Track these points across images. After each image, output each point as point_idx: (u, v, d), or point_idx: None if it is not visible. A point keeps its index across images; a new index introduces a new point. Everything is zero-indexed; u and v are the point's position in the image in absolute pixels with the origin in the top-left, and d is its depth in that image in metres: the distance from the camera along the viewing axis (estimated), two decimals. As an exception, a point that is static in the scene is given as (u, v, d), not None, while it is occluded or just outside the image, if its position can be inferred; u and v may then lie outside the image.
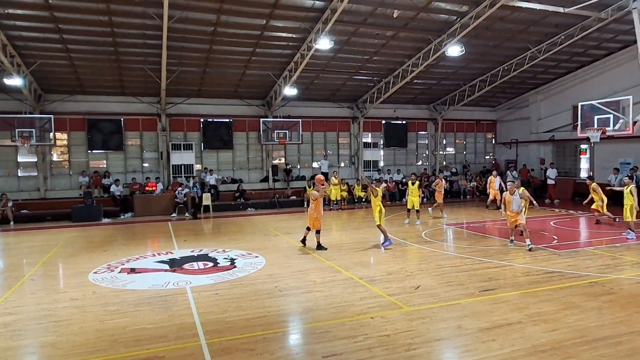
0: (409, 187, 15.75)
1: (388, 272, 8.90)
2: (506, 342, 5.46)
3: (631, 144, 19.46)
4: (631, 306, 6.70)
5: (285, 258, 10.42)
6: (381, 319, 6.34)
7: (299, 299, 7.43)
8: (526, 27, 16.88)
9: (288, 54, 17.56)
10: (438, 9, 14.93)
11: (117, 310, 6.96)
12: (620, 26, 17.04)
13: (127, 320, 6.53)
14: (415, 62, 18.47)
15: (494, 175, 18.52)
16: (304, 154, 24.06)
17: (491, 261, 9.64)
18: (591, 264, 9.29)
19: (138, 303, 7.29)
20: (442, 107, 25.48)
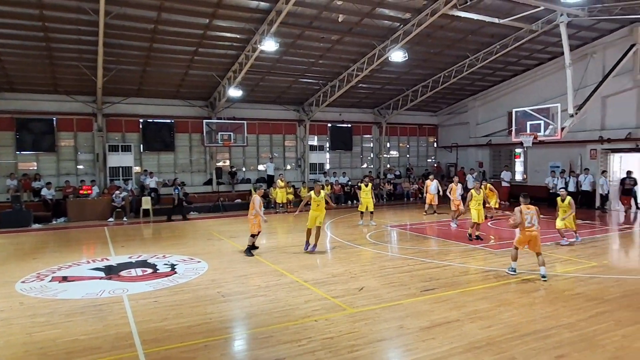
0: (362, 190, 15.80)
1: (333, 275, 8.92)
2: (445, 340, 5.61)
3: (560, 149, 20.82)
4: (559, 301, 7.11)
5: (228, 263, 10.18)
6: (325, 321, 6.33)
7: (242, 304, 7.27)
8: (465, 36, 17.63)
9: (232, 55, 17.26)
10: (382, 15, 15.25)
11: (46, 322, 6.51)
12: (549, 38, 18.21)
13: (58, 332, 6.12)
14: (360, 66, 18.76)
15: (430, 179, 18.26)
16: (250, 156, 23.74)
17: (432, 262, 9.92)
18: (524, 262, 9.77)
19: (70, 313, 6.85)
20: (386, 112, 26.07)
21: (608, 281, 8.22)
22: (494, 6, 15.01)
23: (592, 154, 19.82)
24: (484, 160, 25.86)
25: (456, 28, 16.75)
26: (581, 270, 9.03)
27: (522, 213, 8.39)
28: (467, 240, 12.18)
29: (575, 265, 9.43)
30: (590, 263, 9.61)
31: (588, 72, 18.98)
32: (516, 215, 8.43)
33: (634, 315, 6.43)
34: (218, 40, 15.97)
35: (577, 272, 8.86)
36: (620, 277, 8.51)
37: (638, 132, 18.12)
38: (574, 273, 8.82)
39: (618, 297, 7.31)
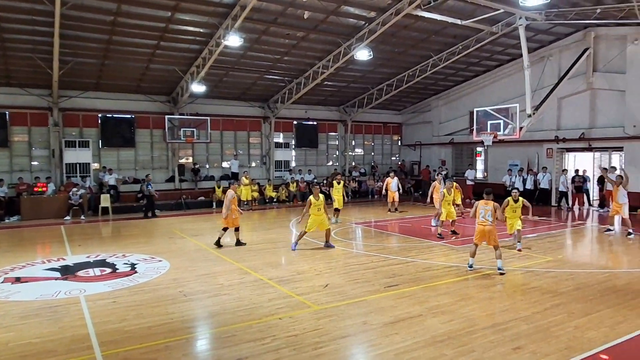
0: (334, 187, 15.74)
1: (298, 272, 8.89)
2: (408, 335, 5.68)
3: (519, 148, 21.54)
4: (516, 295, 7.35)
5: (191, 261, 9.97)
6: (289, 319, 6.29)
7: (205, 303, 7.14)
8: (428, 36, 17.93)
9: (195, 49, 16.90)
10: (347, 13, 15.30)
11: (-3, 325, 6.18)
12: (509, 40, 18.78)
13: (11, 335, 5.83)
14: (325, 64, 18.77)
15: (391, 176, 18.34)
16: (213, 153, 23.35)
17: (396, 258, 10.05)
18: (484, 257, 10.04)
19: (24, 315, 6.55)
20: (351, 110, 26.22)
21: (562, 275, 8.56)
22: (457, 8, 15.33)
23: (548, 153, 20.62)
24: (446, 159, 26.45)
25: (420, 28, 17.02)
26: (537, 264, 9.37)
27: (477, 208, 8.81)
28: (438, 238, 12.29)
29: (532, 260, 9.78)
30: (546, 258, 9.98)
31: (545, 74, 19.71)
32: (473, 209, 8.92)
33: (586, 307, 6.72)
34: (180, 34, 15.59)
35: (533, 267, 9.18)
36: (574, 270, 8.89)
37: (591, 132, 18.98)
38: (530, 267, 9.13)
39: (571, 289, 7.62)
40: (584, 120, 19.30)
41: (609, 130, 18.30)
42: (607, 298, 7.13)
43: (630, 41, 17.34)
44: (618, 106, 18.09)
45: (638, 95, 17.26)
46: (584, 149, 19.76)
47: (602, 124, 18.75)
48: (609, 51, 18.24)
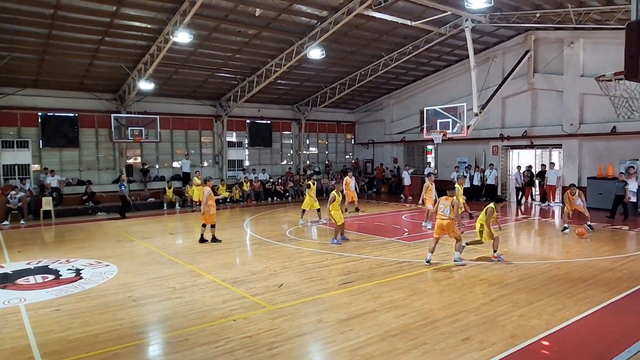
0: (310, 188, 15.30)
1: (252, 272, 8.79)
2: (362, 331, 5.75)
3: (467, 145, 22.35)
4: (466, 287, 7.62)
5: (140, 265, 9.63)
6: (244, 320, 6.21)
7: (156, 308, 6.92)
8: (380, 36, 18.22)
9: (143, 46, 16.30)
10: (299, 11, 15.27)
11: None
12: (456, 42, 19.41)
13: (-59, 351, 5.40)
14: (278, 62, 18.65)
15: (349, 176, 18.05)
16: (163, 152, 22.64)
17: (350, 255, 10.15)
18: (435, 252, 10.34)
19: (-44, 329, 6.09)
20: (305, 108, 26.24)
21: (508, 267, 8.96)
22: (406, 9, 15.66)
23: (494, 151, 21.53)
24: (398, 157, 27.02)
25: (371, 28, 17.26)
26: (485, 258, 9.74)
27: (438, 203, 9.48)
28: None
29: (480, 253, 10.15)
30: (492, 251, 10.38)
31: (490, 74, 20.53)
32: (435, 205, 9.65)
33: (529, 296, 7.07)
34: (126, 29, 14.98)
35: (481, 260, 9.54)
36: (518, 262, 9.32)
37: (532, 130, 19.98)
38: (478, 261, 9.49)
39: (516, 280, 7.99)
40: (526, 119, 20.29)
41: (549, 129, 19.34)
42: (548, 287, 7.53)
43: (566, 44, 18.39)
44: (556, 105, 19.14)
45: (574, 95, 18.34)
46: (527, 146, 20.79)
47: (542, 122, 19.79)
48: (548, 53, 19.26)
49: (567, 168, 18.83)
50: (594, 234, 12.26)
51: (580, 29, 16.83)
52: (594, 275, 8.24)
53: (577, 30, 17.23)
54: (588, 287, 7.48)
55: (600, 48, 17.18)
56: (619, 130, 16.79)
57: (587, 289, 7.37)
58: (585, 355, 5.13)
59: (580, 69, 18.11)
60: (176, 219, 17.73)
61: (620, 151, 17.11)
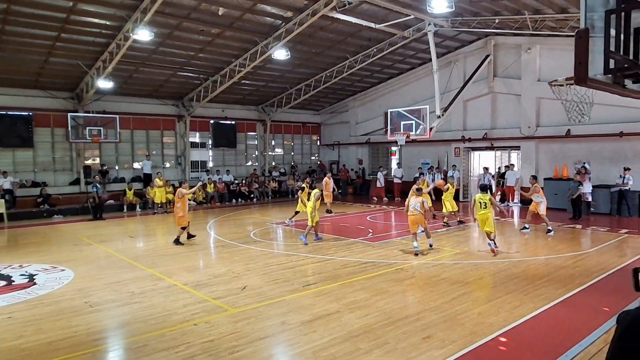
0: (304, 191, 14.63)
1: (214, 275, 8.64)
2: (326, 332, 5.73)
3: (430, 147, 22.79)
4: (427, 287, 7.73)
5: (98, 269, 9.28)
6: (205, 324, 6.08)
7: (114, 313, 6.68)
8: (344, 38, 18.33)
9: (101, 43, 15.76)
10: (263, 11, 15.15)
11: None
12: (419, 45, 19.77)
13: None
14: (242, 62, 18.45)
15: (328, 177, 17.87)
16: (123, 153, 21.97)
17: (315, 256, 10.13)
18: (398, 252, 10.50)
19: None
20: (270, 109, 26.08)
21: (468, 266, 9.17)
22: (371, 12, 15.81)
23: (456, 152, 22.05)
24: (363, 158, 27.26)
25: (336, 30, 17.34)
26: (446, 257, 9.95)
27: (409, 201, 10.50)
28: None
29: (441, 253, 10.36)
30: (454, 250, 10.64)
31: (452, 77, 21.03)
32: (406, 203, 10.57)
33: (488, 294, 7.25)
34: (84, 25, 14.44)
35: (443, 260, 9.73)
36: (478, 261, 9.56)
37: (492, 132, 20.58)
38: (440, 260, 9.67)
39: (475, 279, 8.18)
40: (486, 121, 20.89)
41: (508, 131, 19.98)
42: (506, 285, 7.75)
43: (524, 50, 19.06)
44: (515, 109, 19.80)
45: (531, 99, 19.02)
46: (487, 148, 21.40)
47: (502, 125, 20.42)
48: (506, 58, 19.90)
49: (525, 169, 19.49)
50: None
51: (536, 36, 17.48)
52: (550, 272, 8.55)
53: (534, 37, 17.88)
54: (544, 284, 7.74)
55: (556, 54, 17.89)
56: (572, 133, 17.54)
57: (542, 286, 7.63)
58: (540, 349, 5.29)
59: (537, 74, 18.80)
60: (137, 222, 17.23)
61: (574, 153, 17.89)
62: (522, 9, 15.30)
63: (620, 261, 9.34)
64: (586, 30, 4.30)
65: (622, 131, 16.26)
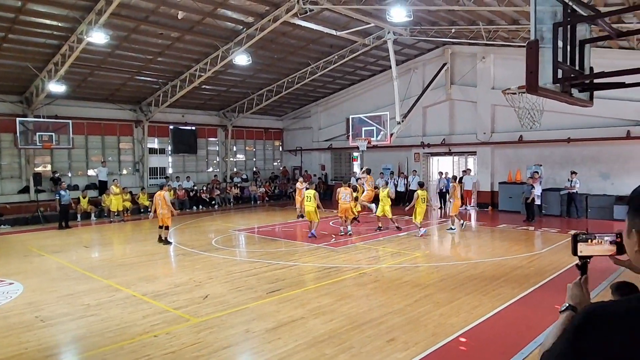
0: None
1: (175, 285, 8.41)
2: (290, 338, 5.70)
3: (391, 152, 23.16)
4: (390, 290, 7.84)
5: (50, 282, 8.85)
6: (166, 335, 5.91)
7: (68, 328, 6.38)
8: (306, 44, 18.41)
9: (53, 45, 15.11)
10: (224, 16, 15.01)
11: None
12: (380, 52, 20.12)
13: None
14: (203, 67, 18.17)
15: (300, 182, 17.78)
16: (77, 160, 21.06)
17: (278, 263, 10.06)
18: (361, 257, 10.60)
19: None
20: (232, 114, 25.79)
21: (429, 268, 9.37)
22: (332, 19, 15.98)
23: (416, 157, 22.54)
24: (326, 164, 27.40)
25: (298, 36, 17.40)
26: (408, 260, 10.13)
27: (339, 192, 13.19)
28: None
29: (403, 257, 10.54)
30: (415, 254, 10.84)
31: (411, 84, 21.50)
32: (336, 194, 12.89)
33: (449, 295, 7.43)
34: (34, 27, 13.81)
35: (404, 263, 9.90)
36: (439, 264, 9.78)
37: (450, 138, 21.19)
38: (402, 264, 9.83)
39: (436, 281, 8.37)
40: (444, 127, 21.48)
41: (465, 137, 20.63)
42: (466, 286, 7.97)
43: (479, 59, 19.78)
44: (471, 115, 20.47)
45: (486, 106, 19.73)
46: (446, 154, 22.01)
47: (459, 131, 21.06)
48: (463, 66, 20.57)
49: (482, 174, 20.18)
50: (506, 235, 13.20)
51: (490, 45, 18.16)
52: (506, 273, 8.86)
53: (488, 46, 18.58)
54: (500, 285, 8.01)
55: (509, 63, 18.64)
56: (525, 139, 18.31)
57: (499, 286, 7.90)
58: (499, 347, 5.47)
59: (491, 82, 19.54)
60: (92, 231, 16.57)
61: (527, 158, 18.68)
62: (477, 19, 15.89)
63: (571, 260, 9.74)
64: (536, 41, 4.52)
65: (570, 137, 17.14)
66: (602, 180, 16.93)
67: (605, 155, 16.87)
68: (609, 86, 5.47)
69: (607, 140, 16.49)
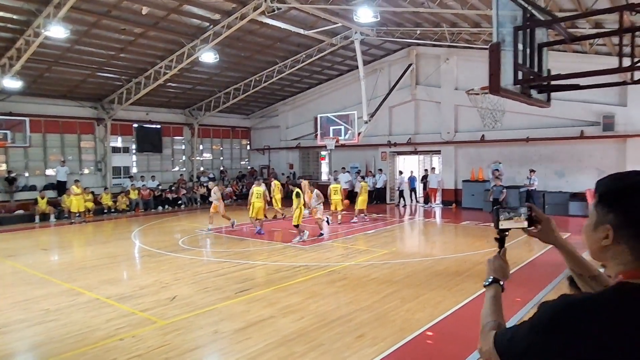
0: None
1: (141, 287, 8.21)
2: (260, 338, 5.68)
3: (358, 151, 23.38)
4: (358, 287, 7.93)
5: (3, 287, 8.43)
6: (132, 338, 5.77)
7: (24, 335, 6.12)
8: (274, 42, 18.33)
9: (7, 38, 14.44)
10: (190, 12, 14.75)
11: None
12: (347, 52, 20.26)
13: None
14: (168, 64, 17.78)
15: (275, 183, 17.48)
16: (34, 159, 20.21)
17: (247, 262, 9.99)
18: (330, 255, 10.67)
19: None
20: (198, 113, 25.38)
21: (396, 265, 9.53)
22: (300, 18, 15.97)
23: (382, 156, 22.84)
24: (294, 162, 27.36)
25: (265, 34, 17.30)
26: (376, 257, 10.26)
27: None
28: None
29: (371, 254, 10.67)
30: (382, 251, 11.00)
31: (378, 84, 21.75)
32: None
33: (415, 291, 7.58)
34: (-14, 18, 13.19)
35: (372, 260, 10.03)
36: (405, 260, 9.96)
37: (416, 137, 21.59)
38: (370, 261, 9.96)
39: (403, 277, 8.52)
40: (410, 126, 21.87)
41: (430, 136, 21.07)
42: (431, 282, 8.16)
43: (443, 60, 20.23)
44: (436, 115, 20.93)
45: (449, 106, 20.22)
46: (411, 152, 22.40)
47: (424, 130, 21.48)
48: (427, 67, 20.99)
49: (446, 172, 20.66)
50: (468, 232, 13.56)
51: (454, 47, 18.61)
52: (468, 268, 9.12)
53: (452, 48, 19.03)
54: (463, 280, 8.24)
55: (471, 65, 19.15)
56: (486, 139, 18.87)
57: (462, 282, 8.12)
58: (463, 340, 5.63)
59: (454, 83, 20.03)
60: (50, 233, 15.95)
61: (488, 156, 19.28)
62: (441, 21, 16.25)
63: (529, 255, 10.19)
64: (498, 44, 4.68)
65: (529, 137, 17.80)
66: (557, 178, 17.68)
67: (561, 155, 17.62)
68: (565, 88, 5.73)
69: (562, 140, 17.23)
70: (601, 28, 12.45)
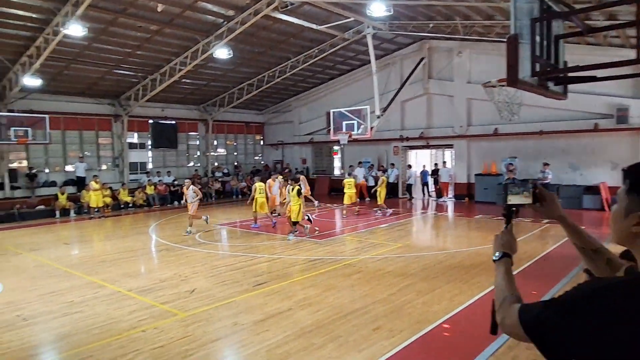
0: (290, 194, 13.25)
1: (161, 280, 8.41)
2: (278, 330, 5.81)
3: (371, 146, 23.39)
4: (374, 280, 8.02)
5: (30, 280, 8.72)
6: (154, 330, 5.94)
7: (51, 326, 6.33)
8: (287, 38, 18.39)
9: (27, 37, 14.72)
10: (204, 9, 14.88)
11: None
12: (359, 47, 20.22)
13: None
14: (183, 60, 17.98)
15: (272, 178, 16.66)
16: (54, 155, 20.63)
17: (263, 256, 10.15)
18: (345, 248, 10.77)
19: None
20: (212, 109, 25.60)
21: (410, 258, 9.59)
22: (312, 13, 16.00)
23: (395, 151, 22.81)
24: (307, 157, 27.47)
25: (279, 30, 17.37)
26: (390, 251, 10.33)
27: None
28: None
29: (385, 247, 10.74)
30: (396, 244, 11.06)
31: (390, 79, 21.71)
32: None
33: (430, 284, 7.64)
34: (6, 17, 13.40)
35: (386, 254, 10.10)
36: (420, 254, 10.01)
37: (428, 132, 21.51)
38: (384, 254, 10.03)
39: (418, 271, 8.58)
40: (422, 121, 21.79)
41: (442, 130, 20.97)
42: (446, 275, 8.21)
43: (455, 53, 20.09)
44: (448, 109, 20.81)
45: (462, 100, 20.10)
46: (424, 147, 22.34)
47: (436, 124, 21.39)
48: (440, 61, 20.87)
49: (458, 166, 20.58)
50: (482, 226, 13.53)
51: (467, 40, 18.46)
52: (483, 261, 9.13)
53: (465, 41, 18.88)
54: (478, 273, 8.27)
55: (484, 58, 19.00)
56: (500, 132, 18.74)
57: (478, 275, 8.16)
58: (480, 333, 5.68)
59: (467, 76, 19.88)
60: (71, 228, 16.32)
61: (501, 150, 19.14)
62: (453, 15, 16.14)
63: (544, 248, 10.17)
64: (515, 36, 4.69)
65: (542, 130, 17.62)
66: (571, 172, 17.50)
67: (575, 148, 17.43)
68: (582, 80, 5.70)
69: (576, 133, 17.04)
70: (615, 20, 12.27)
